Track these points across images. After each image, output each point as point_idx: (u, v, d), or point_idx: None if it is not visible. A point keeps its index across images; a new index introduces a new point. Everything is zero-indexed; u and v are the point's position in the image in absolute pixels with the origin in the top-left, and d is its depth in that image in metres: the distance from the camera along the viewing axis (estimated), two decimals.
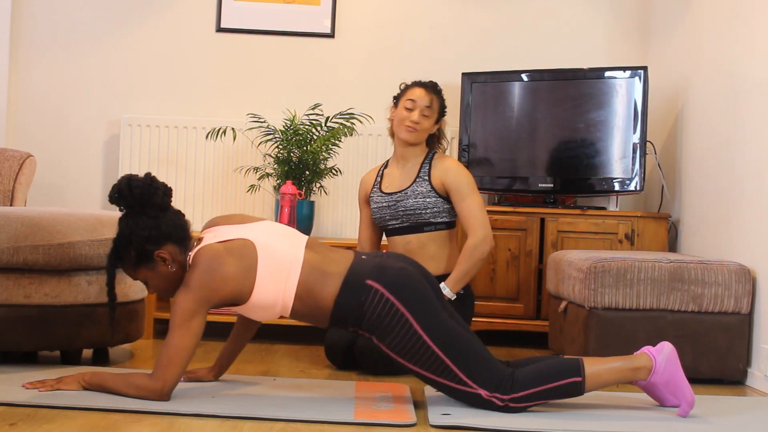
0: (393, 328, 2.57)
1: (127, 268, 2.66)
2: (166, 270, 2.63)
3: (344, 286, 2.60)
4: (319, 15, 4.81)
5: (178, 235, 2.64)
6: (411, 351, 2.58)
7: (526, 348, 4.17)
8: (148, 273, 2.64)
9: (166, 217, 2.63)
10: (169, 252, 2.62)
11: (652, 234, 4.15)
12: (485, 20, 4.84)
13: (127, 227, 2.61)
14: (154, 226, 2.60)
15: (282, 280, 2.61)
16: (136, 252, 2.60)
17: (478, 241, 3.42)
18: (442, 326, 2.59)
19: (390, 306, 2.57)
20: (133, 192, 2.58)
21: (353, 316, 2.61)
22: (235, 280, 2.57)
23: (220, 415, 2.45)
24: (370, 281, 2.59)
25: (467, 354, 2.59)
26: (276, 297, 2.61)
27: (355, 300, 2.59)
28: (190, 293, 2.54)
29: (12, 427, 2.24)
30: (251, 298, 2.60)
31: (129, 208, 2.62)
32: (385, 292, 2.58)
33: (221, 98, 4.82)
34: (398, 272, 2.64)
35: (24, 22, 4.78)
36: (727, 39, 3.82)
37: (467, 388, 2.58)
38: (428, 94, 3.54)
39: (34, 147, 4.67)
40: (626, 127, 4.27)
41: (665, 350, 2.67)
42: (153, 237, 2.59)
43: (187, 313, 2.53)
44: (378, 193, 3.61)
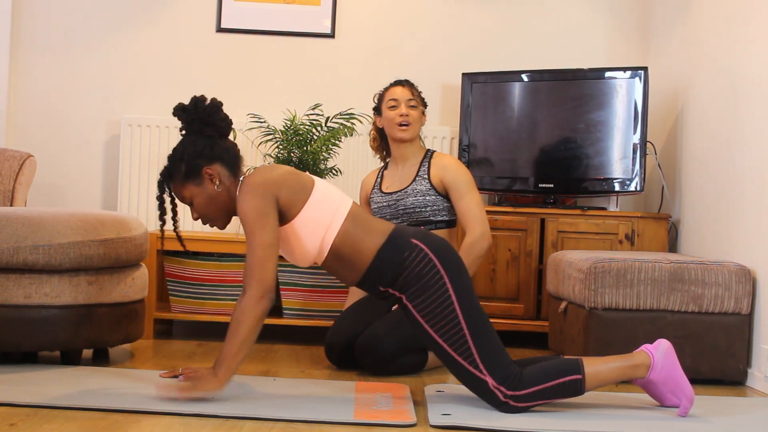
0: (429, 288, 2.59)
1: (175, 183, 2.69)
2: (212, 189, 2.66)
3: (389, 241, 2.65)
4: (319, 15, 4.81)
5: (230, 159, 2.70)
6: (438, 317, 2.59)
7: (527, 348, 4.16)
8: (194, 189, 2.67)
9: (222, 141, 2.71)
10: (218, 171, 2.66)
11: (653, 234, 4.15)
12: (485, 20, 4.84)
13: (182, 144, 2.70)
14: (207, 144, 2.67)
15: (330, 213, 2.64)
16: (186, 166, 2.65)
17: (476, 239, 3.42)
18: (473, 303, 2.63)
19: (432, 266, 2.60)
20: (197, 107, 2.69)
21: (391, 271, 2.63)
22: (293, 178, 2.63)
23: (220, 416, 2.45)
24: (416, 240, 2.65)
25: (487, 338, 2.61)
26: (323, 222, 2.62)
27: (398, 254, 2.62)
28: (254, 190, 2.56)
29: (12, 427, 2.24)
30: (301, 212, 2.61)
31: (188, 124, 2.70)
32: (428, 252, 2.62)
33: (221, 98, 4.70)
34: (442, 241, 2.70)
35: (24, 22, 4.78)
36: (728, 39, 3.82)
37: (477, 372, 2.59)
38: (406, 88, 3.59)
39: (34, 147, 4.67)
40: (626, 128, 4.27)
41: (662, 347, 2.68)
42: (205, 153, 2.66)
43: (257, 212, 2.54)
44: (378, 193, 3.61)
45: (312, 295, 4.06)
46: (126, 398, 2.56)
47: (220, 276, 4.09)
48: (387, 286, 2.66)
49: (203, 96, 2.72)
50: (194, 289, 4.10)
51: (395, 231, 2.69)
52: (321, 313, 4.06)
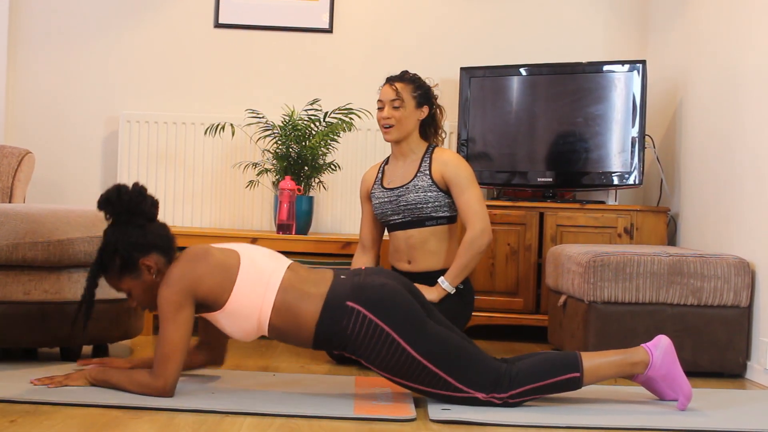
0: (379, 348, 2.55)
1: (111, 276, 2.65)
2: (150, 279, 2.63)
3: (325, 309, 2.57)
4: (317, 10, 4.80)
5: (164, 245, 2.66)
6: (402, 368, 2.57)
7: (526, 342, 4.17)
8: (131, 282, 2.64)
9: (152, 227, 2.66)
10: (155, 261, 2.63)
11: (651, 228, 4.15)
12: (483, 15, 4.84)
13: (113, 235, 2.63)
14: (140, 234, 2.62)
15: (261, 290, 2.59)
16: (122, 259, 2.61)
17: (476, 234, 3.41)
18: (428, 338, 2.56)
19: (374, 326, 2.54)
20: (121, 199, 2.61)
21: (337, 339, 2.59)
22: (216, 273, 2.57)
23: (220, 411, 2.45)
24: (351, 303, 2.56)
25: (458, 361, 2.57)
26: (254, 306, 2.59)
27: (337, 323, 2.56)
28: (173, 285, 2.54)
29: (12, 424, 2.24)
30: (229, 301, 2.58)
31: (116, 215, 2.63)
32: (366, 313, 2.55)
33: (220, 94, 4.82)
34: (378, 289, 2.60)
35: (22, 18, 4.77)
36: (726, 32, 3.82)
37: (463, 394, 2.58)
38: (391, 87, 3.55)
39: (32, 144, 4.67)
40: (625, 121, 4.27)
41: (662, 344, 2.68)
42: (139, 244, 2.61)
43: (173, 306, 2.53)
44: (379, 188, 3.61)
45: None
46: (126, 394, 2.56)
47: None
48: (339, 350, 2.63)
49: (125, 185, 2.64)
50: None
51: (330, 294, 2.59)
52: None
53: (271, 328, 2.62)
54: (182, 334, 2.54)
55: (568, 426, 2.45)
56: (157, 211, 2.69)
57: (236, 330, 2.66)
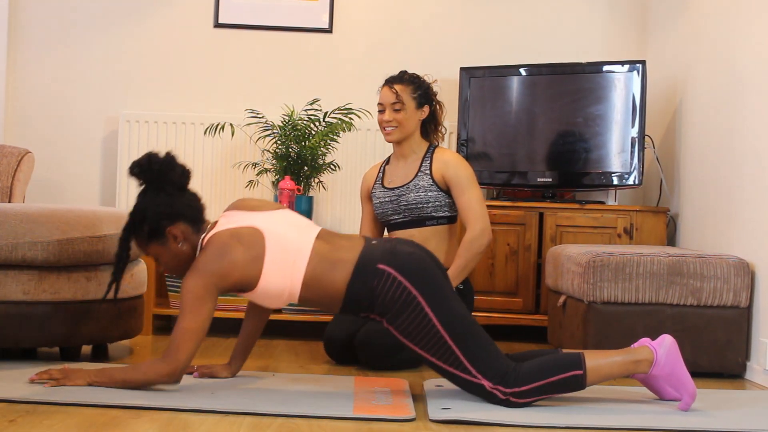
0: (404, 310, 2.58)
1: (139, 242, 2.70)
2: (176, 248, 2.67)
3: (356, 272, 2.62)
4: (316, 10, 4.81)
5: (192, 215, 2.69)
6: (420, 335, 2.59)
7: (526, 342, 4.17)
8: (159, 249, 2.68)
9: (182, 197, 2.69)
10: (182, 230, 2.66)
11: (651, 228, 4.15)
12: (483, 15, 4.84)
13: (143, 202, 2.67)
14: (169, 203, 2.65)
15: (288, 269, 2.63)
16: (149, 227, 2.65)
17: (476, 235, 3.42)
18: (452, 312, 2.61)
19: (402, 289, 2.58)
20: (152, 167, 2.65)
21: (365, 301, 2.62)
22: (242, 267, 2.60)
23: (220, 411, 2.45)
24: (382, 265, 2.61)
25: (474, 343, 2.60)
26: (283, 285, 2.63)
27: (367, 285, 2.61)
28: (199, 278, 2.56)
29: (11, 424, 2.24)
30: (258, 285, 2.62)
31: (147, 183, 2.67)
32: (397, 276, 2.59)
33: (219, 94, 4.82)
34: (409, 256, 2.66)
35: (22, 18, 4.77)
36: (726, 32, 3.81)
37: (471, 378, 2.59)
38: (390, 89, 3.55)
39: (32, 143, 4.67)
40: (624, 122, 4.27)
41: (666, 343, 2.67)
42: (167, 213, 2.65)
43: (196, 297, 2.55)
44: (380, 188, 3.61)
45: None
46: (125, 394, 2.55)
47: None
48: (366, 312, 2.67)
49: (157, 153, 2.67)
50: None
51: (361, 258, 2.64)
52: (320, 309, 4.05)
53: (300, 298, 2.68)
54: (200, 325, 2.56)
55: (568, 426, 2.45)
56: (188, 181, 2.72)
57: (266, 304, 2.74)
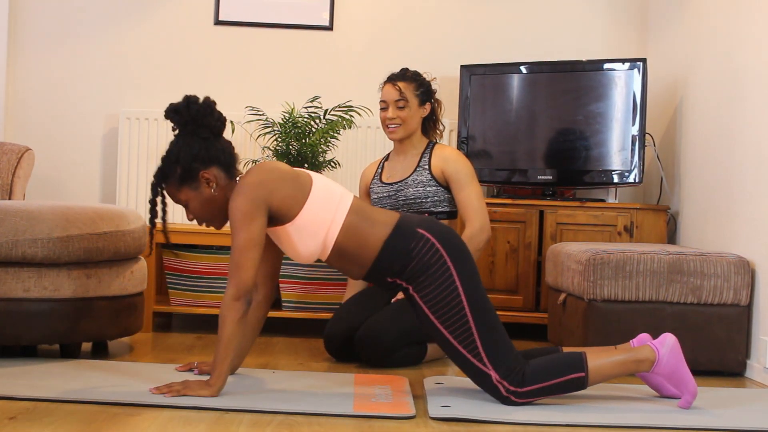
0: (436, 279, 2.58)
1: (170, 185, 2.65)
2: (208, 192, 2.63)
3: (395, 231, 2.63)
4: (317, 8, 4.80)
5: (226, 160, 2.66)
6: (445, 308, 2.59)
7: (526, 340, 4.16)
8: (190, 193, 2.64)
9: (217, 142, 2.66)
10: (215, 175, 2.63)
11: (651, 226, 4.15)
12: (484, 12, 4.83)
13: (176, 145, 2.63)
14: (203, 146, 2.62)
15: (332, 209, 2.63)
16: (182, 169, 2.61)
17: (475, 231, 3.42)
18: (479, 293, 2.62)
19: (438, 256, 2.59)
20: (189, 109, 2.61)
21: (398, 262, 2.61)
22: (290, 183, 2.60)
23: (220, 408, 2.45)
24: (421, 230, 2.63)
25: (493, 331, 2.60)
26: (324, 222, 2.61)
27: (405, 244, 2.61)
28: (246, 193, 2.54)
29: (12, 421, 2.24)
30: (300, 213, 2.59)
31: (182, 125, 2.64)
32: (435, 242, 2.61)
33: (219, 91, 4.79)
34: (448, 229, 2.68)
35: (22, 15, 4.77)
36: (726, 30, 3.81)
37: (481, 365, 2.58)
38: (394, 86, 3.55)
39: (32, 140, 4.66)
40: (625, 120, 4.26)
41: (668, 342, 2.67)
42: (201, 156, 2.61)
43: (245, 215, 2.53)
44: (378, 183, 3.61)
45: (311, 288, 4.06)
46: (125, 391, 2.56)
47: (219, 268, 4.09)
48: (394, 276, 2.65)
49: (196, 96, 2.65)
50: (193, 282, 4.10)
51: (401, 221, 2.67)
52: (320, 306, 4.06)
53: (335, 248, 2.64)
54: (255, 240, 2.53)
55: (568, 424, 2.45)
56: (224, 127, 2.69)
57: (300, 246, 2.66)
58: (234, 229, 2.54)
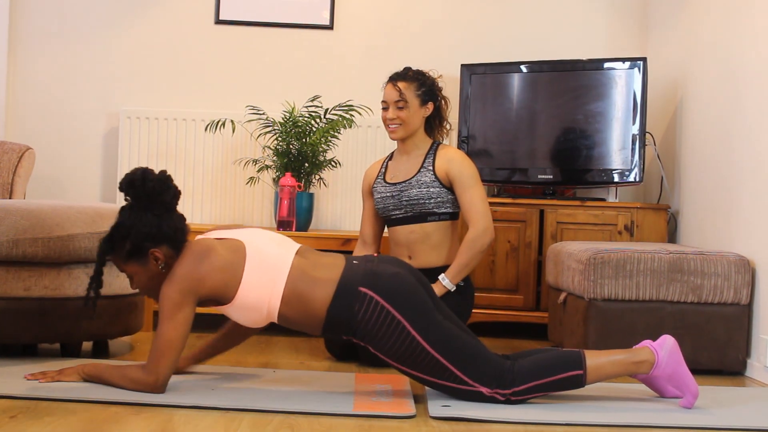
0: (389, 335, 2.54)
1: (117, 258, 2.63)
2: (155, 269, 2.61)
3: (337, 294, 2.56)
4: (317, 7, 4.80)
5: (177, 238, 2.63)
6: (410, 357, 2.56)
7: (526, 339, 4.17)
8: (137, 268, 2.62)
9: (169, 219, 2.62)
10: (164, 253, 2.60)
11: (652, 225, 4.15)
12: (484, 11, 4.83)
13: (129, 219, 2.59)
14: (156, 224, 2.59)
15: (269, 282, 2.58)
16: (132, 245, 2.59)
17: (478, 233, 3.41)
18: (438, 329, 2.56)
19: (385, 313, 2.54)
20: (146, 185, 2.58)
21: (346, 324, 2.57)
22: (221, 273, 2.55)
23: (220, 408, 2.45)
24: (363, 288, 2.55)
25: (465, 354, 2.57)
26: (262, 298, 2.58)
27: (349, 308, 2.55)
28: (176, 284, 2.52)
29: (12, 420, 2.24)
30: (237, 296, 2.57)
31: (136, 200, 2.60)
32: (379, 299, 2.54)
33: (220, 90, 4.82)
34: (391, 278, 2.60)
35: (23, 14, 4.77)
36: (726, 29, 3.81)
37: (468, 387, 2.58)
38: (394, 87, 3.54)
39: (33, 140, 4.66)
40: (625, 119, 4.26)
41: (667, 344, 2.67)
42: (152, 235, 2.58)
43: (173, 304, 2.52)
44: (382, 183, 3.61)
45: None
46: (126, 391, 2.56)
47: None
48: (348, 336, 2.62)
49: (151, 170, 2.61)
50: None
51: (342, 279, 2.57)
52: None
53: (280, 316, 2.61)
54: (179, 333, 2.53)
55: (568, 423, 2.45)
56: (177, 202, 2.67)
57: (245, 320, 2.67)
58: (162, 317, 2.53)
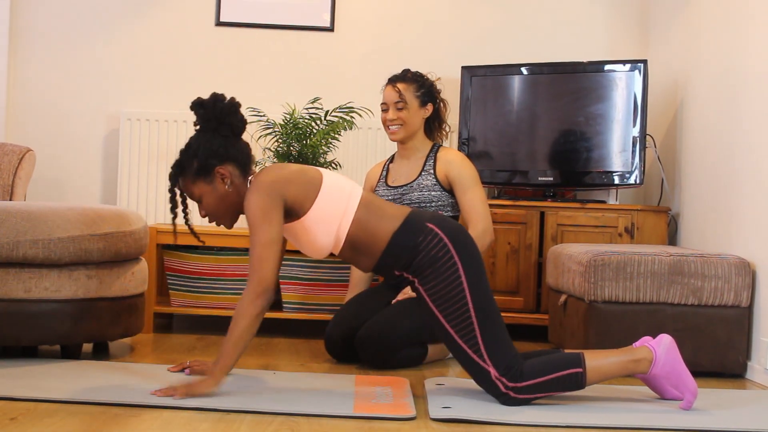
0: (442, 273, 2.60)
1: (186, 178, 2.69)
2: (222, 188, 2.67)
3: (404, 224, 2.66)
4: (318, 9, 4.80)
5: (243, 160, 2.71)
6: (449, 302, 2.60)
7: (526, 341, 4.17)
8: (204, 188, 2.68)
9: (236, 141, 2.71)
10: (230, 171, 2.67)
11: (652, 227, 4.15)
12: (485, 14, 4.84)
13: (196, 140, 2.70)
14: (222, 144, 2.68)
15: (342, 203, 2.66)
16: (199, 163, 2.66)
17: (478, 235, 3.42)
18: (484, 291, 2.63)
19: (446, 251, 2.61)
20: (215, 106, 2.69)
21: (406, 255, 2.64)
22: (303, 178, 2.65)
23: (220, 409, 2.45)
24: (431, 224, 2.65)
25: (494, 328, 2.61)
26: (335, 216, 2.64)
27: (413, 238, 2.63)
28: (263, 188, 2.59)
29: (12, 422, 2.24)
30: (312, 209, 2.63)
31: (205, 121, 2.70)
32: (443, 237, 2.63)
33: (220, 92, 4.80)
34: (457, 226, 2.70)
35: (23, 16, 4.77)
36: (727, 32, 3.81)
37: (481, 361, 2.59)
38: (394, 88, 3.55)
39: (33, 141, 4.67)
40: (626, 121, 4.26)
41: (665, 342, 2.68)
42: (219, 153, 2.66)
43: (262, 209, 2.56)
44: (384, 186, 3.61)
45: (312, 289, 4.06)
46: (126, 392, 2.56)
47: (220, 270, 4.09)
48: (402, 269, 2.68)
49: (223, 94, 2.73)
50: (194, 283, 4.10)
51: (411, 214, 2.70)
52: (321, 307, 4.06)
53: (347, 242, 2.67)
54: (274, 234, 2.56)
55: (569, 425, 2.45)
56: (244, 129, 2.74)
57: (313, 241, 2.69)
58: (252, 226, 2.57)
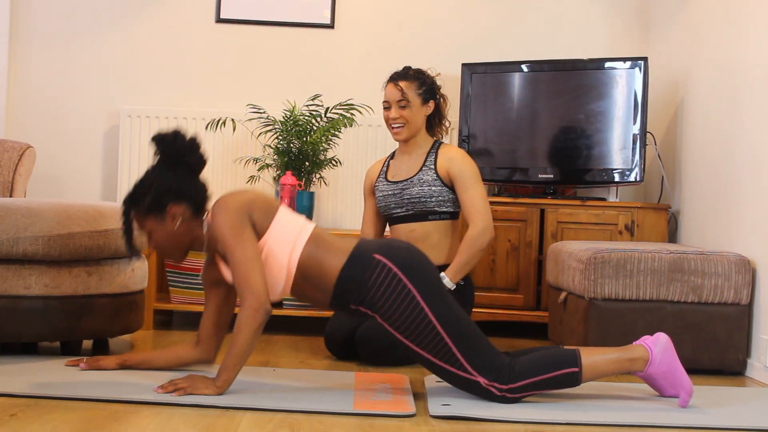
0: (399, 304, 2.56)
1: (138, 212, 2.68)
2: (172, 226, 2.66)
3: (350, 259, 2.62)
4: (318, 6, 4.80)
5: (197, 199, 2.69)
6: (416, 330, 2.57)
7: (526, 339, 4.17)
8: (154, 224, 2.66)
9: (191, 181, 2.69)
10: (182, 211, 2.65)
11: (652, 225, 4.15)
12: (485, 11, 4.83)
13: (153, 174, 2.67)
14: (177, 182, 2.65)
15: (294, 232, 2.64)
16: (152, 199, 2.64)
17: (478, 232, 3.42)
18: (447, 307, 2.59)
19: (397, 281, 2.57)
20: (176, 142, 2.65)
21: (357, 290, 2.60)
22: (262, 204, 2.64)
23: (220, 406, 2.45)
24: (378, 255, 2.60)
25: (469, 339, 2.58)
26: (288, 242, 2.62)
27: (361, 273, 2.59)
28: (229, 208, 2.58)
29: (12, 418, 2.24)
30: (268, 231, 2.61)
31: (163, 156, 2.67)
32: (392, 267, 2.58)
33: (221, 89, 4.82)
34: (405, 250, 2.66)
35: (23, 13, 4.77)
36: (728, 29, 3.81)
37: (467, 375, 2.58)
38: (395, 86, 3.55)
39: (33, 138, 4.67)
40: (626, 118, 4.26)
41: (661, 341, 2.68)
42: (172, 191, 2.64)
43: (232, 227, 2.55)
44: (384, 181, 3.61)
45: None
46: (126, 389, 2.56)
47: None
48: (356, 305, 2.64)
49: (184, 132, 2.68)
50: (193, 280, 4.10)
51: (357, 248, 2.64)
52: None
53: (298, 273, 2.64)
54: (251, 249, 2.56)
55: (568, 422, 2.45)
56: (202, 168, 2.72)
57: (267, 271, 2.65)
58: (228, 247, 2.56)
